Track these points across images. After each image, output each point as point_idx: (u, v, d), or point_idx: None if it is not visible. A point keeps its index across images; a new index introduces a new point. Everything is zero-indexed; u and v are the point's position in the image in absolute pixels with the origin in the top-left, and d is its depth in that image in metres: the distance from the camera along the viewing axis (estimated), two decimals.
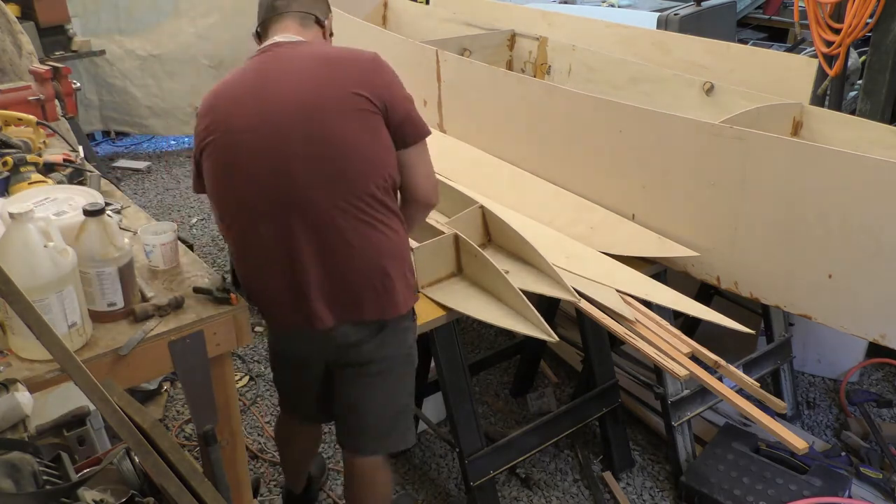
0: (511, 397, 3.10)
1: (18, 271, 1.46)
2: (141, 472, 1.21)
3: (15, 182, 2.18)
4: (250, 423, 2.96)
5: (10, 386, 1.27)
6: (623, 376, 2.72)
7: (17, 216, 1.52)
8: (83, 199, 1.92)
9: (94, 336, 1.68)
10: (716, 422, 2.79)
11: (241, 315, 1.81)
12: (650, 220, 2.47)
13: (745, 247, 2.24)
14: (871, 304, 2.03)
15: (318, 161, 1.71)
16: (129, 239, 1.92)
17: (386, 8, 4.55)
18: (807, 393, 3.10)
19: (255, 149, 1.72)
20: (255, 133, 1.72)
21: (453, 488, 2.66)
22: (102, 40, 5.21)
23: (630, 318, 2.20)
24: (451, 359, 2.29)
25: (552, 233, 2.57)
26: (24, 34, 3.54)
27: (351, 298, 1.81)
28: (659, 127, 2.36)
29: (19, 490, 1.02)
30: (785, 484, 2.37)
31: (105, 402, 1.09)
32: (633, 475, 2.70)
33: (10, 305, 1.12)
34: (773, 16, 5.79)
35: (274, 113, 1.72)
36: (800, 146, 2.09)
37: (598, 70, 3.31)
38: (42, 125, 2.56)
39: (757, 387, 2.03)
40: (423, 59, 3.27)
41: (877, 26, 2.79)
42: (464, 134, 3.21)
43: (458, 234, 2.28)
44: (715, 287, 2.50)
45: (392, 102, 1.78)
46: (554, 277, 2.22)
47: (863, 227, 1.96)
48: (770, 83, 2.89)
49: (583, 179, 2.67)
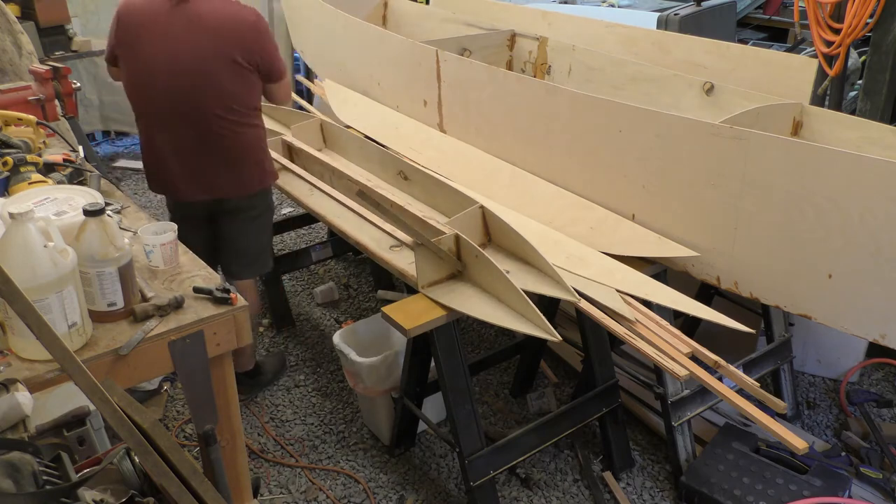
0: (511, 397, 3.10)
1: (18, 271, 1.46)
2: (141, 472, 1.21)
3: (15, 182, 2.18)
4: (250, 423, 2.96)
5: (10, 386, 1.27)
6: (623, 376, 2.72)
7: (17, 216, 1.52)
8: (83, 199, 1.92)
9: (94, 336, 1.68)
10: (716, 422, 2.79)
11: (241, 315, 1.81)
12: (650, 220, 2.47)
13: (745, 247, 2.24)
14: (871, 304, 2.03)
15: (201, 88, 2.50)
16: (129, 239, 1.93)
17: (386, 8, 4.55)
18: (807, 393, 3.10)
19: (156, 75, 2.50)
20: (162, 67, 2.49)
21: (453, 488, 2.66)
22: (102, 40, 5.19)
23: (630, 318, 2.20)
24: (451, 359, 2.29)
25: (552, 233, 2.57)
26: (24, 34, 3.55)
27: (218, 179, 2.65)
28: (659, 127, 2.36)
29: (19, 490, 1.02)
30: (785, 484, 2.37)
31: (105, 402, 1.09)
32: (633, 475, 2.70)
33: (10, 305, 1.12)
34: (773, 16, 5.79)
35: (176, 58, 2.48)
36: (800, 146, 2.08)
37: (598, 70, 3.31)
38: (42, 125, 2.56)
39: (757, 387, 2.03)
40: (423, 59, 3.27)
41: (877, 26, 2.79)
42: (464, 134, 3.21)
43: (459, 234, 2.29)
44: (715, 287, 2.50)
45: (262, 62, 2.56)
46: (554, 277, 2.22)
47: (863, 227, 1.96)
48: (770, 83, 2.89)
49: (583, 179, 2.67)
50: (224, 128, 2.57)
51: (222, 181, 2.66)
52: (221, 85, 2.52)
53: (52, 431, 1.49)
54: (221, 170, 2.64)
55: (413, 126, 3.43)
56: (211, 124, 2.55)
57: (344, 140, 3.27)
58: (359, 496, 2.63)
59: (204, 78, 2.49)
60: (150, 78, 2.53)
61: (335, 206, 2.86)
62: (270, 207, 2.93)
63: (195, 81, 2.49)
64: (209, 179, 2.65)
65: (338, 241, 3.62)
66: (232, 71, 2.51)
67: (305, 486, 2.68)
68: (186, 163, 2.62)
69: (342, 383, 3.17)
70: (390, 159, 2.97)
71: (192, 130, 2.56)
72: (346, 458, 2.81)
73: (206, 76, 2.49)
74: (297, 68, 5.97)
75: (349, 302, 3.79)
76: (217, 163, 2.63)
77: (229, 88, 2.53)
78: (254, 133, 2.68)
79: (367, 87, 3.75)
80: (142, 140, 2.69)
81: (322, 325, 3.60)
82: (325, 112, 3.81)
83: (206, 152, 2.61)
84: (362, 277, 3.98)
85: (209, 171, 2.64)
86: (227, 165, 2.64)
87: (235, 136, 2.61)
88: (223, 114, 2.55)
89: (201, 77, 2.49)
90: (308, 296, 3.85)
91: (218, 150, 2.61)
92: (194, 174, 2.64)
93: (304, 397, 3.12)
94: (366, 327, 2.91)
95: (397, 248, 2.52)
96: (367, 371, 2.65)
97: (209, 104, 2.52)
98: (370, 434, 2.91)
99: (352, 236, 2.65)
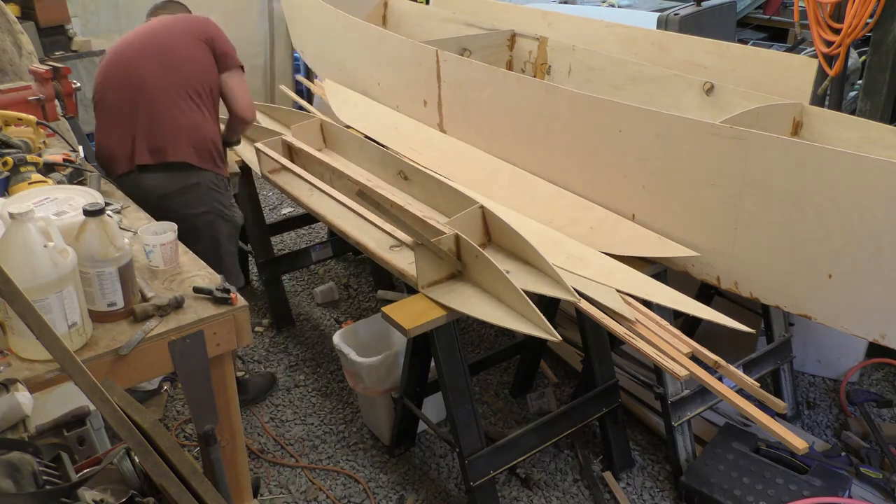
0: (511, 397, 3.10)
1: (18, 271, 1.46)
2: (141, 472, 1.21)
3: (15, 182, 2.18)
4: (250, 423, 2.96)
5: (10, 386, 1.27)
6: (623, 376, 2.72)
7: (17, 216, 1.52)
8: (83, 199, 1.92)
9: (94, 336, 1.68)
10: (716, 422, 2.79)
11: (241, 315, 1.81)
12: (650, 220, 2.47)
13: (745, 247, 2.24)
14: (871, 304, 2.03)
15: (164, 72, 2.66)
16: (129, 239, 1.93)
17: (386, 8, 4.55)
18: (807, 393, 3.10)
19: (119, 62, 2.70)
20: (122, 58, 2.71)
21: (453, 488, 2.66)
22: (102, 40, 5.20)
23: (630, 318, 2.20)
24: (451, 359, 2.29)
25: (552, 233, 2.57)
26: (24, 34, 3.55)
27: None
28: (659, 127, 2.36)
29: (19, 490, 1.02)
30: (785, 484, 2.37)
31: (105, 402, 1.09)
32: (633, 475, 2.70)
33: (10, 305, 1.12)
34: (773, 16, 5.79)
35: (149, 47, 2.71)
36: (800, 146, 2.08)
37: (598, 70, 3.31)
38: (42, 125, 2.57)
39: (757, 387, 2.03)
40: (423, 59, 3.27)
41: (877, 26, 2.79)
42: (464, 134, 3.21)
43: (459, 234, 2.28)
44: (715, 287, 2.50)
45: (215, 43, 2.75)
46: (554, 277, 2.22)
47: (863, 227, 1.96)
48: (770, 83, 2.89)
49: (583, 179, 2.67)
50: (172, 102, 2.65)
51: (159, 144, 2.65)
52: (184, 56, 2.69)
53: (52, 431, 1.49)
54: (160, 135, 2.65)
55: (413, 126, 3.43)
56: (163, 99, 2.64)
57: (344, 140, 3.26)
58: (359, 496, 2.63)
59: (166, 52, 2.68)
60: (113, 66, 2.72)
61: (335, 206, 2.86)
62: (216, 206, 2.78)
63: (156, 57, 2.67)
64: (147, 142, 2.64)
65: (338, 241, 3.62)
66: (193, 45, 2.71)
67: (305, 486, 2.68)
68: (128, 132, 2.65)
69: (342, 383, 3.17)
70: (390, 159, 2.97)
71: (143, 102, 2.64)
72: (346, 458, 2.81)
73: (167, 51, 2.69)
74: (297, 68, 5.97)
75: (349, 302, 3.79)
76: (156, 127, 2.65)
77: (185, 54, 2.69)
78: (196, 117, 2.70)
79: (367, 87, 3.75)
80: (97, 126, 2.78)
81: (322, 325, 3.60)
82: (325, 112, 3.80)
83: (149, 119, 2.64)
84: (362, 277, 3.98)
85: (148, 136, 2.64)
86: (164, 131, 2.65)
87: (180, 112, 2.66)
88: (177, 88, 2.65)
89: (163, 52, 2.68)
90: (308, 296, 3.85)
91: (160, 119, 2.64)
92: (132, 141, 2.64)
93: (304, 397, 3.12)
94: (366, 327, 2.91)
95: (397, 248, 2.52)
96: (367, 371, 2.65)
97: (166, 78, 2.65)
98: (370, 434, 2.91)
99: (352, 236, 2.65)
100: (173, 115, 2.64)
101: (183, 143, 2.65)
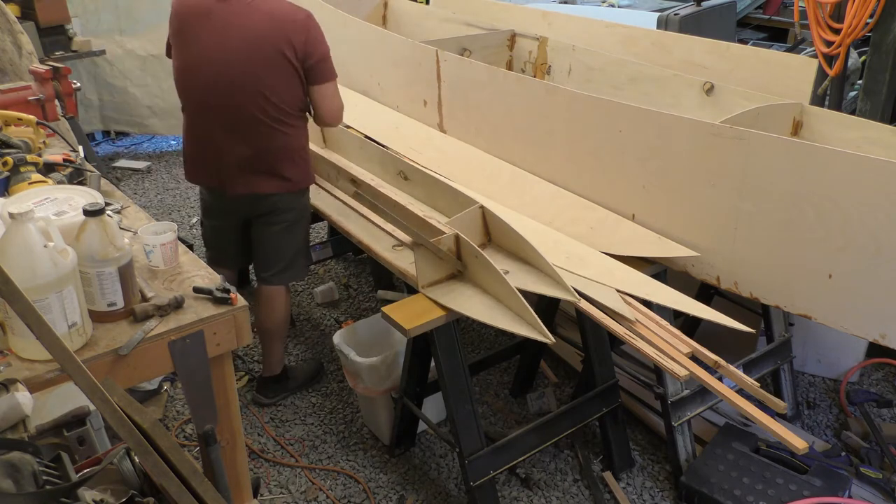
0: (511, 397, 3.10)
1: (18, 271, 1.46)
2: (141, 472, 1.21)
3: (15, 182, 2.18)
4: (250, 423, 2.96)
5: (10, 386, 1.27)
6: (623, 376, 2.72)
7: (17, 216, 1.52)
8: (83, 199, 1.92)
9: (94, 336, 1.68)
10: (716, 422, 2.79)
11: (241, 315, 1.81)
12: (650, 220, 2.47)
13: (745, 247, 2.24)
14: (871, 304, 2.03)
15: (243, 81, 2.53)
16: (129, 239, 1.93)
17: (386, 8, 4.54)
18: (807, 393, 3.10)
19: (201, 66, 2.57)
20: (209, 59, 2.55)
21: (453, 488, 2.66)
22: (102, 40, 5.21)
23: (630, 318, 2.20)
24: (451, 359, 2.29)
25: (552, 233, 2.57)
26: (24, 34, 3.54)
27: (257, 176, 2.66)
28: (659, 127, 2.36)
29: (19, 490, 1.02)
30: (785, 484, 2.37)
31: (105, 402, 1.09)
32: (633, 475, 2.70)
33: (10, 305, 1.12)
34: (773, 16, 5.79)
35: (224, 51, 2.52)
36: (800, 146, 2.08)
37: (598, 70, 3.31)
38: (42, 125, 2.56)
39: (757, 387, 2.03)
40: (423, 59, 3.27)
41: (877, 26, 2.79)
42: (464, 134, 3.21)
43: (459, 235, 2.28)
44: (715, 287, 2.49)
45: (307, 56, 2.55)
46: (554, 277, 2.22)
47: (863, 227, 1.96)
48: (770, 83, 2.89)
49: (583, 179, 2.67)
50: (262, 124, 2.58)
51: (253, 177, 2.65)
52: (264, 79, 2.53)
53: (52, 431, 1.49)
54: (254, 165, 2.63)
55: (413, 126, 3.43)
56: (249, 119, 2.57)
57: (344, 140, 3.26)
58: (359, 496, 2.63)
59: (248, 72, 2.52)
60: (195, 69, 2.60)
61: (339, 205, 2.87)
62: (304, 213, 2.85)
63: (239, 74, 2.52)
64: (242, 174, 2.64)
65: (338, 241, 3.62)
66: (276, 66, 2.52)
67: (305, 486, 2.68)
68: (220, 155, 2.64)
69: (342, 383, 3.17)
70: (390, 159, 2.97)
71: (230, 123, 2.58)
72: (346, 458, 2.81)
73: (249, 70, 2.52)
74: None
75: (349, 302, 3.79)
76: (251, 158, 2.62)
77: (270, 83, 2.54)
78: (292, 133, 2.66)
79: (367, 87, 3.76)
80: (184, 129, 2.75)
81: (322, 325, 3.60)
82: None
83: (240, 145, 2.60)
84: (362, 277, 3.98)
85: (243, 165, 2.63)
86: (259, 161, 2.63)
87: (272, 133, 2.60)
88: (262, 109, 2.55)
89: (245, 70, 2.52)
90: (308, 296, 3.85)
91: (253, 145, 2.61)
92: (227, 167, 2.64)
93: (304, 397, 3.12)
94: (366, 327, 2.91)
95: (399, 248, 2.52)
96: (367, 371, 2.65)
97: (249, 98, 2.54)
98: (370, 434, 2.91)
99: (355, 235, 2.65)
100: (259, 138, 2.61)
101: (266, 172, 2.66)
